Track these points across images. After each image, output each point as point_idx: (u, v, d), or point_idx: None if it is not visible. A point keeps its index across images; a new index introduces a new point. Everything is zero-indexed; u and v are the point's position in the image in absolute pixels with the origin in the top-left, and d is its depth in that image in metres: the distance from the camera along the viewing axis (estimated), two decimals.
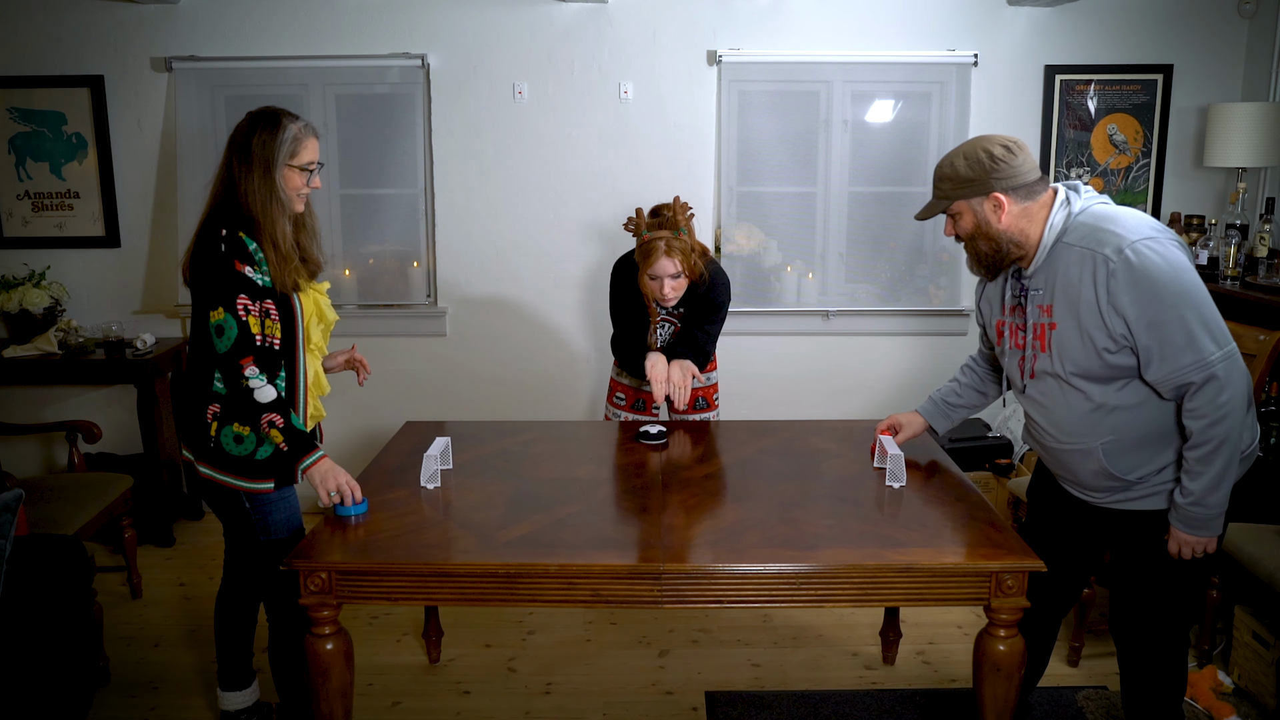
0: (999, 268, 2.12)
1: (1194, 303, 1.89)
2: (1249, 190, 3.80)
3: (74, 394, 4.17)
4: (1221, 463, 1.94)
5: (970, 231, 2.09)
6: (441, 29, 3.95)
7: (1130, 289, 1.89)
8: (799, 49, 3.96)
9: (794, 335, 4.17)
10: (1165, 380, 1.93)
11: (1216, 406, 1.90)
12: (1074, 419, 2.08)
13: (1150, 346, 1.91)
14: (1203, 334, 1.89)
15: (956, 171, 2.06)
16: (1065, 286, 1.99)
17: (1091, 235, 1.96)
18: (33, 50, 3.95)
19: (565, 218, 4.09)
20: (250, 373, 2.18)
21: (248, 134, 2.22)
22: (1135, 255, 1.89)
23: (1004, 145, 2.03)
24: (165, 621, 3.31)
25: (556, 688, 2.90)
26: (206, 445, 2.28)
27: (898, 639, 3.01)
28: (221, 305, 2.16)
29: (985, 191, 2.03)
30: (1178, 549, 2.04)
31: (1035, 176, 2.04)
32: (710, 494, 2.35)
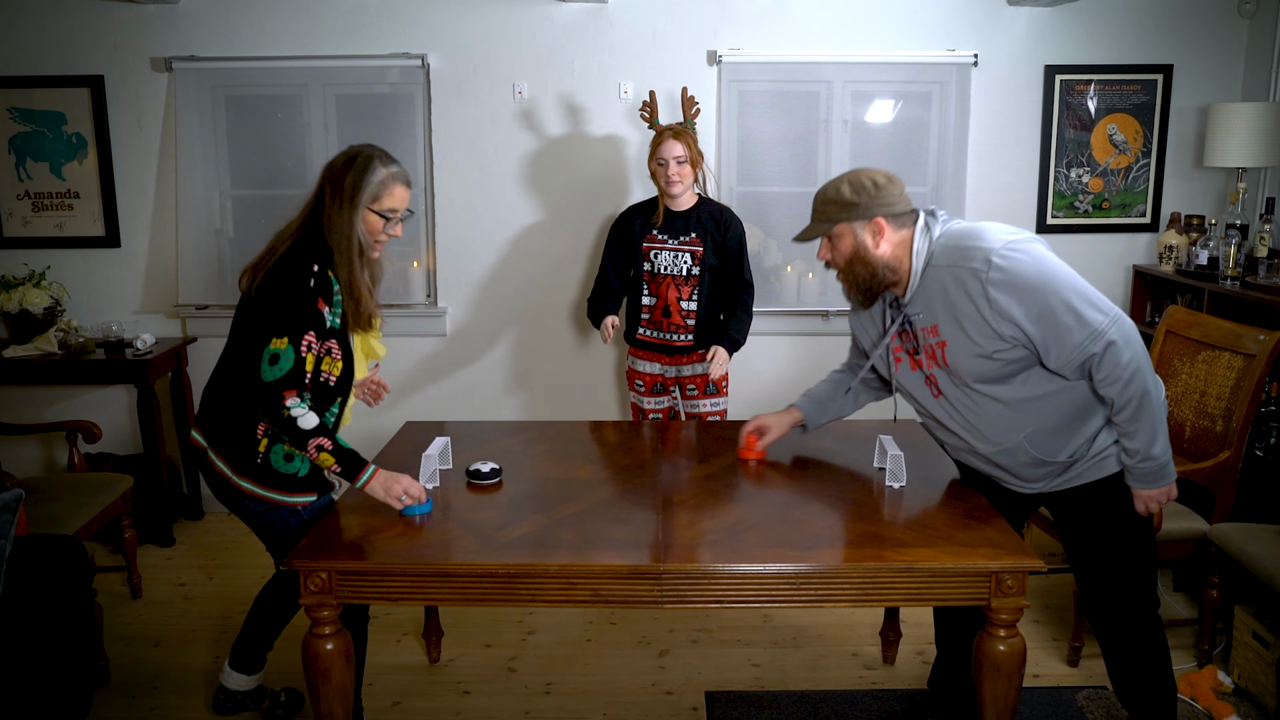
0: (875, 294, 2.22)
1: (1067, 285, 2.00)
2: (1249, 190, 3.80)
3: (74, 394, 4.17)
4: (1149, 415, 2.04)
5: (848, 256, 2.18)
6: (441, 29, 3.95)
7: (1008, 292, 1.99)
8: (799, 49, 3.97)
9: (794, 335, 4.17)
10: (1069, 362, 2.02)
11: (1123, 367, 1.99)
12: (993, 423, 2.16)
13: (1045, 336, 2.01)
14: (1087, 308, 1.98)
15: (841, 195, 2.15)
16: (945, 305, 2.09)
17: (957, 253, 2.07)
18: (33, 50, 3.95)
19: (565, 218, 4.09)
20: (291, 402, 2.15)
21: (343, 168, 2.23)
22: (1003, 259, 1.99)
23: (885, 176, 2.16)
24: (165, 621, 3.32)
25: (556, 688, 2.90)
26: (253, 461, 2.26)
27: (898, 639, 3.01)
28: (287, 336, 2.14)
29: (868, 216, 2.13)
30: (1144, 506, 2.15)
31: (906, 209, 2.16)
32: (710, 494, 2.35)
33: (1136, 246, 4.16)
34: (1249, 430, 2.91)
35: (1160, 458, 2.07)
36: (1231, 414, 2.91)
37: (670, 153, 3.20)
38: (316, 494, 2.35)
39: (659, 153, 3.22)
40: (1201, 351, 3.09)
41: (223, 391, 2.32)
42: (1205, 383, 3.04)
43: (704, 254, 3.28)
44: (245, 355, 2.22)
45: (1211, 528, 2.89)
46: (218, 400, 2.33)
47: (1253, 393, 2.86)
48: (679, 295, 3.30)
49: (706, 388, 3.40)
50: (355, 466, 2.20)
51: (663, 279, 3.30)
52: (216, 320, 4.13)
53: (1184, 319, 3.22)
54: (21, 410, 4.07)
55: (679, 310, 3.30)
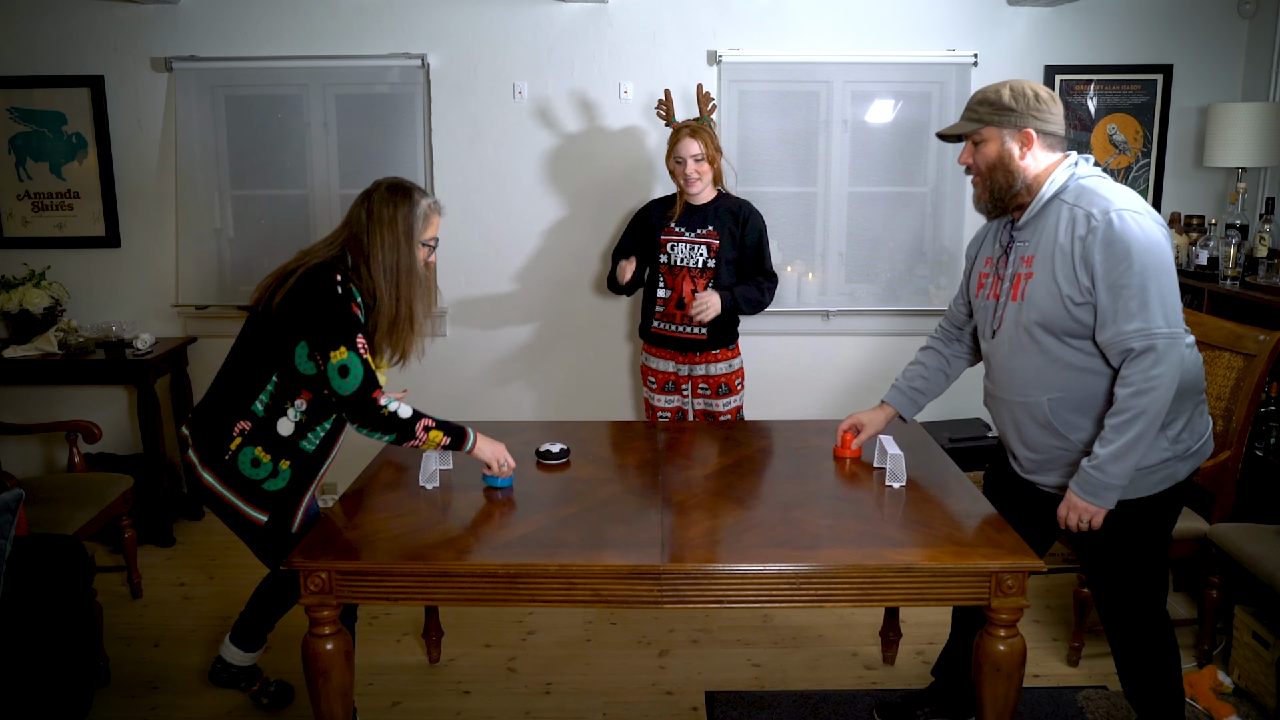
0: (1006, 206, 2.17)
1: (1158, 277, 1.96)
2: (1249, 190, 3.80)
3: (74, 394, 4.17)
4: (1133, 434, 1.98)
5: (991, 161, 2.13)
6: (441, 29, 3.95)
7: (1104, 248, 1.97)
8: (799, 49, 3.97)
9: (794, 335, 4.17)
10: (1111, 342, 2.00)
11: (1146, 378, 1.95)
12: (1027, 372, 2.15)
13: (1107, 307, 1.99)
14: (1156, 307, 1.95)
15: (1000, 98, 2.10)
16: (1050, 238, 2.06)
17: (1085, 196, 2.04)
18: (33, 50, 3.95)
19: (565, 218, 4.09)
20: (385, 400, 2.22)
21: (386, 203, 2.27)
22: (1118, 219, 1.97)
23: (1049, 92, 2.12)
24: (165, 621, 3.32)
25: (556, 688, 2.90)
26: (220, 457, 2.27)
27: (898, 639, 3.01)
28: (344, 344, 2.17)
29: (1020, 125, 2.09)
30: (1066, 511, 2.10)
31: (1062, 133, 2.13)
32: (710, 494, 2.35)
33: None
34: (1249, 430, 2.91)
35: (1111, 477, 2.02)
36: (1231, 414, 2.91)
37: (687, 151, 3.21)
38: (270, 516, 2.30)
39: (676, 150, 3.23)
40: (1201, 351, 3.09)
41: (215, 391, 2.35)
42: (1205, 383, 3.04)
43: (720, 247, 3.27)
44: (251, 364, 2.28)
45: (1211, 528, 2.89)
46: (209, 398, 2.36)
47: (1253, 393, 2.86)
48: (694, 288, 3.29)
49: (719, 388, 3.40)
50: (461, 436, 2.33)
51: (679, 270, 3.30)
52: (216, 320, 4.13)
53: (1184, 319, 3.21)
54: (21, 410, 4.07)
55: (694, 303, 3.28)
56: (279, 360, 2.24)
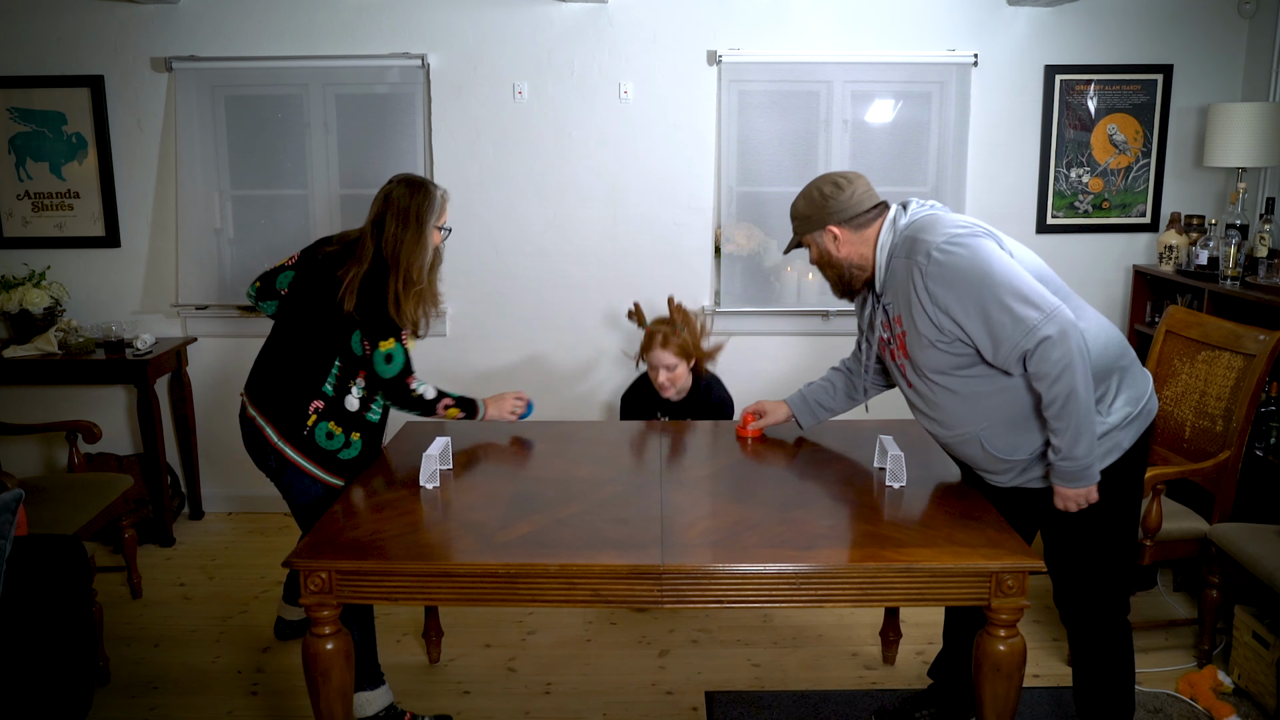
0: (850, 290, 2.33)
1: (1002, 281, 2.01)
2: (1249, 190, 3.80)
3: (74, 394, 4.17)
4: (1075, 415, 2.02)
5: (817, 260, 2.32)
6: (441, 29, 3.95)
7: (944, 287, 2.05)
8: (799, 49, 3.96)
9: (794, 335, 4.17)
10: (1008, 357, 2.04)
11: (1052, 364, 1.99)
12: (950, 412, 2.22)
13: (980, 332, 2.05)
14: (1020, 304, 2.00)
15: (798, 210, 2.29)
16: (903, 296, 2.16)
17: (909, 246, 2.14)
18: (33, 50, 3.95)
19: (565, 218, 4.09)
20: (415, 384, 2.60)
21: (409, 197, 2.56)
22: (941, 254, 2.05)
23: (834, 182, 2.25)
24: (165, 621, 3.32)
25: (556, 688, 2.90)
26: (300, 433, 2.55)
27: (898, 639, 3.01)
28: (392, 337, 2.52)
29: (821, 225, 2.25)
30: (1063, 504, 2.15)
31: (866, 206, 2.24)
32: (710, 494, 2.35)
33: (1136, 246, 4.16)
34: (1249, 430, 2.91)
35: (1081, 459, 2.06)
36: (1231, 414, 2.91)
37: (660, 361, 3.25)
38: (344, 481, 2.59)
39: (649, 358, 3.28)
40: (1201, 351, 3.09)
41: (280, 370, 2.61)
42: (1205, 383, 3.04)
43: None
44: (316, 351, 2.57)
45: (1211, 528, 2.89)
46: (273, 374, 2.62)
47: (1253, 393, 2.86)
48: None
49: None
50: (472, 407, 2.74)
51: None
52: (217, 320, 4.13)
53: (1184, 319, 3.22)
54: (21, 410, 4.07)
55: None
56: (339, 348, 2.55)
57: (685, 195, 4.06)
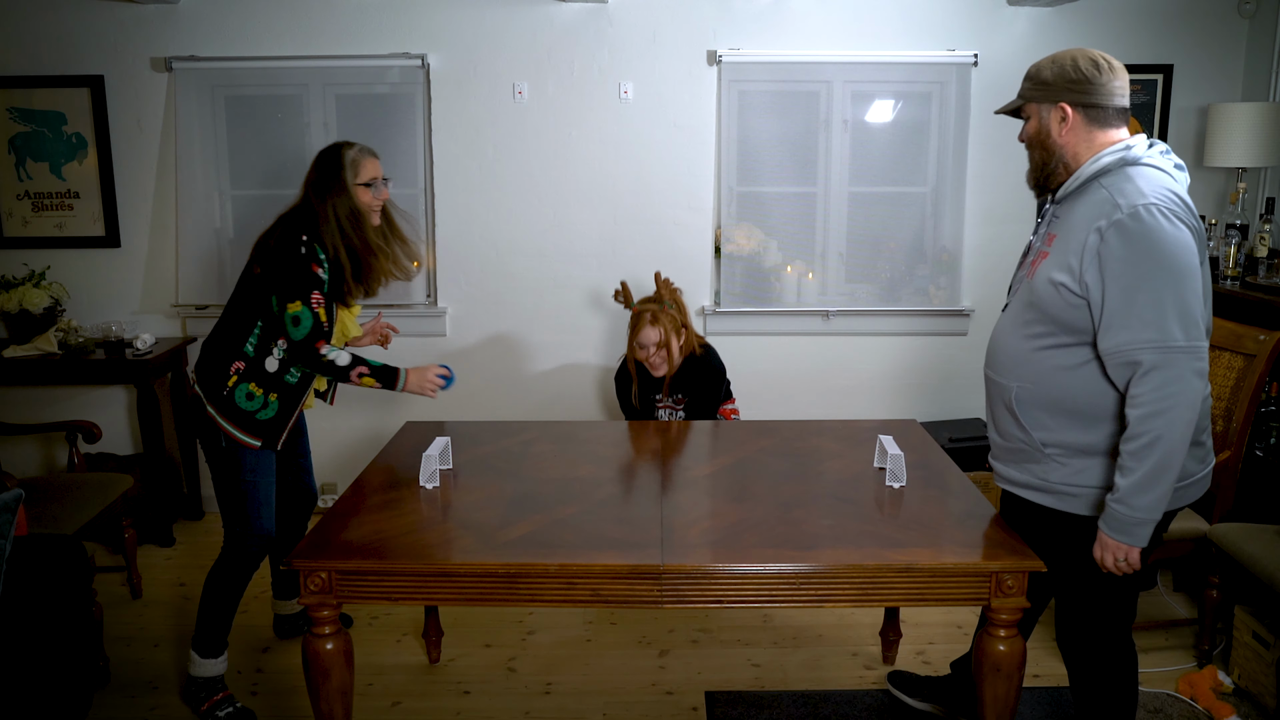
0: (1046, 183, 2.06)
1: (1179, 285, 1.81)
2: (1249, 190, 3.80)
3: (74, 394, 4.17)
4: (1155, 461, 1.82)
5: (1031, 137, 2.05)
6: (441, 29, 3.95)
7: (1124, 244, 1.83)
8: (799, 49, 3.96)
9: (794, 335, 4.17)
10: (1118, 350, 1.85)
11: (1162, 396, 1.80)
12: (1009, 353, 2.06)
13: (1116, 311, 1.84)
14: (1174, 317, 1.80)
15: (1039, 73, 2.02)
16: (1073, 218, 1.95)
17: (1121, 182, 1.90)
18: (33, 50, 3.95)
19: (565, 218, 4.09)
20: (325, 350, 2.62)
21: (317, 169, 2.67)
22: (1147, 215, 1.82)
23: (1095, 61, 1.96)
24: (165, 621, 3.32)
25: (556, 688, 2.90)
26: (220, 393, 2.61)
27: (898, 639, 3.01)
28: (299, 299, 2.55)
29: (1054, 100, 1.98)
30: (1100, 553, 1.95)
31: (1115, 105, 1.97)
32: (710, 494, 2.35)
33: None
34: (1249, 430, 2.91)
35: (1139, 511, 1.86)
36: (1231, 414, 2.91)
37: (647, 339, 3.26)
38: (262, 442, 2.64)
39: (637, 338, 3.28)
40: None
41: (214, 338, 2.69)
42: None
43: (687, 403, 3.38)
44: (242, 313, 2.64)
45: (1211, 528, 2.89)
46: (208, 344, 2.69)
47: (1253, 393, 2.86)
48: None
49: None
50: (391, 377, 2.71)
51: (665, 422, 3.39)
52: (216, 320, 4.12)
53: None
54: (21, 410, 4.07)
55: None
56: (262, 309, 2.61)
57: (685, 195, 4.06)
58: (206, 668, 2.71)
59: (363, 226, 2.67)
